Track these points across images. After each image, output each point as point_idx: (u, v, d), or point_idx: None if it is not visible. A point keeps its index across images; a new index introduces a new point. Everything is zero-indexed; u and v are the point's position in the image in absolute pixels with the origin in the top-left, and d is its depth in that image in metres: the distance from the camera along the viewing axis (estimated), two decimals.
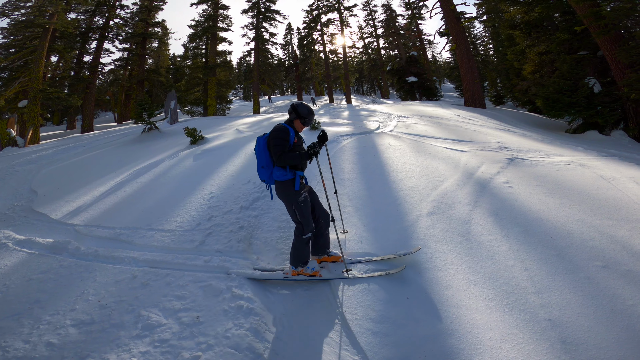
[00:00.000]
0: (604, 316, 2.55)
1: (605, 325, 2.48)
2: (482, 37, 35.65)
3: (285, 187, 3.02)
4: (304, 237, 3.04)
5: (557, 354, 2.30)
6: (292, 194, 3.01)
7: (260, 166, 3.09)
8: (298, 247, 3.07)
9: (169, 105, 15.04)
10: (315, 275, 3.14)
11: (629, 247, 3.27)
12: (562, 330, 2.47)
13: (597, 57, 11.98)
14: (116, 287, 3.05)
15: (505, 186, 4.88)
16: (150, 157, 8.11)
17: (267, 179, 3.10)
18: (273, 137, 2.97)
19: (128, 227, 4.38)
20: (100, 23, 23.66)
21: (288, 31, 45.09)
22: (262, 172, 3.09)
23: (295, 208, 3.00)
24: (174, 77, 30.46)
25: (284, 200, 3.11)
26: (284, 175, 2.99)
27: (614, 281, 2.87)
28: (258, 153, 3.10)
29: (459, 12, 18.18)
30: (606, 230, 3.57)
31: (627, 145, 9.75)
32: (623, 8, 9.35)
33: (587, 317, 2.56)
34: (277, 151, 2.92)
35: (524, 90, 16.92)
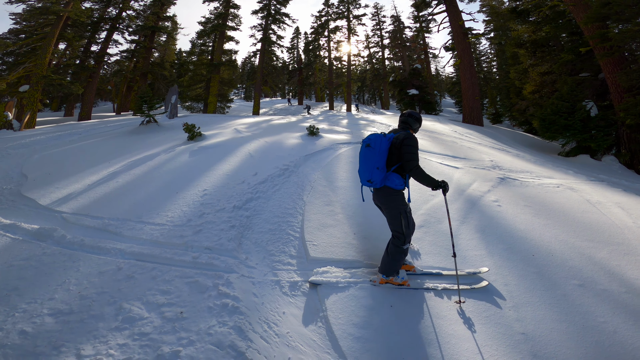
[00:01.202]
0: (576, 332, 2.64)
1: (576, 340, 2.56)
2: (487, 54, 36.22)
3: (398, 195, 3.02)
4: (404, 247, 3.02)
5: None
6: (403, 203, 3.02)
7: (375, 167, 2.94)
8: (396, 256, 3.03)
9: (170, 100, 15.07)
10: (404, 284, 3.13)
11: (606, 268, 3.40)
12: (534, 344, 2.54)
13: (597, 80, 12.18)
14: (99, 278, 3.01)
15: (494, 204, 4.96)
16: (146, 149, 8.09)
17: (378, 181, 2.98)
18: (409, 144, 2.92)
19: (117, 218, 4.35)
20: (113, 13, 23.76)
21: (295, 35, 45.44)
22: (375, 173, 2.96)
23: (403, 217, 2.99)
24: (177, 72, 30.48)
25: (389, 208, 3.06)
26: (401, 184, 2.99)
27: (589, 299, 2.98)
28: (376, 153, 2.95)
29: (466, 28, 18.45)
30: (586, 251, 3.69)
31: (617, 171, 9.93)
32: (631, 30, 9.51)
33: (560, 332, 2.65)
34: (414, 159, 2.89)
35: (522, 109, 17.19)
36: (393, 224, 3.05)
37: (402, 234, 3.00)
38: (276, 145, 7.98)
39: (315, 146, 7.97)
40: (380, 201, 3.13)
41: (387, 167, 3.03)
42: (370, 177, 2.99)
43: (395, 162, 3.00)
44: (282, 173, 5.95)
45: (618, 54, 10.36)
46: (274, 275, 3.31)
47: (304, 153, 7.24)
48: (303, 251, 3.75)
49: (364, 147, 3.04)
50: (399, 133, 3.07)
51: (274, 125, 12.31)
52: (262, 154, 7.19)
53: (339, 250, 3.69)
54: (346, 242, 3.86)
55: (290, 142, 8.42)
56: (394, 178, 2.98)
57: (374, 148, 2.95)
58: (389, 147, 3.00)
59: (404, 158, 2.93)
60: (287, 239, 3.95)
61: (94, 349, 2.15)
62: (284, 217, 4.44)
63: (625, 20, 10.10)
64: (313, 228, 4.14)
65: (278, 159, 6.69)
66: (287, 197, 5.06)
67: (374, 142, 2.97)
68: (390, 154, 3.02)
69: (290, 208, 4.70)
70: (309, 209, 4.66)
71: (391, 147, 3.02)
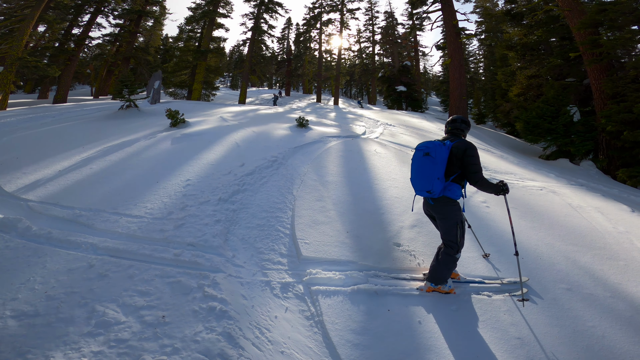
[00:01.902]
0: (567, 336, 2.63)
1: (568, 345, 2.55)
2: (475, 55, 36.70)
3: (455, 205, 2.90)
4: (457, 257, 2.94)
5: None
6: (459, 213, 2.92)
7: (436, 177, 2.79)
8: (449, 265, 2.93)
9: (153, 85, 14.46)
10: (451, 292, 3.04)
11: (591, 272, 3.46)
12: (530, 348, 2.51)
13: (582, 85, 12.44)
14: (68, 276, 2.72)
15: (483, 205, 4.95)
16: (124, 135, 7.65)
17: (437, 191, 2.83)
18: (473, 155, 2.79)
19: (90, 209, 4.01)
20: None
21: (287, 25, 44.49)
22: (436, 183, 2.80)
23: (459, 228, 2.90)
24: (162, 57, 29.30)
25: (445, 218, 2.93)
26: (459, 194, 2.88)
27: (577, 303, 2.99)
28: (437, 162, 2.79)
29: (459, 27, 18.49)
30: (571, 255, 3.73)
31: (594, 175, 10.23)
32: (622, 38, 9.71)
33: (552, 336, 2.63)
34: (479, 170, 2.78)
35: (506, 111, 17.50)
36: (447, 234, 2.95)
37: (455, 243, 2.92)
38: (264, 136, 7.71)
39: (305, 138, 7.75)
40: (436, 211, 3.00)
41: (446, 176, 2.91)
42: (430, 188, 2.83)
43: (454, 172, 2.88)
44: (271, 165, 5.72)
45: (606, 61, 10.58)
46: (263, 276, 3.11)
47: (293, 145, 7.02)
48: (294, 249, 3.55)
49: (421, 155, 2.88)
50: (457, 141, 2.91)
51: (261, 115, 11.96)
52: (250, 144, 6.92)
53: (332, 250, 3.52)
54: (339, 241, 3.70)
55: (279, 132, 8.16)
56: (454, 188, 2.87)
57: (434, 157, 2.80)
58: (448, 155, 2.86)
59: (468, 169, 2.82)
60: (276, 236, 3.75)
61: (65, 357, 1.89)
62: (273, 212, 4.23)
63: (618, 27, 10.31)
64: (304, 225, 3.95)
65: (266, 150, 6.44)
66: (276, 190, 4.84)
67: (434, 151, 2.81)
68: (449, 163, 2.88)
69: (280, 202, 4.50)
70: (300, 204, 4.47)
71: (451, 156, 2.88)
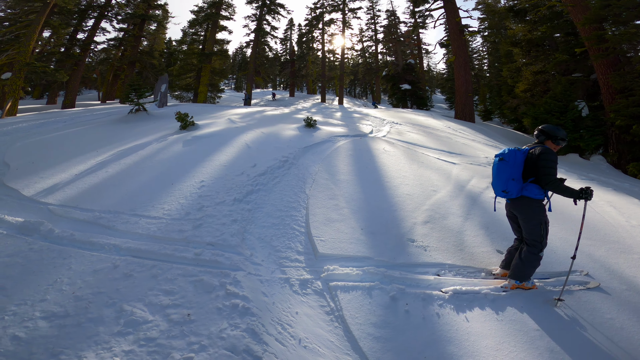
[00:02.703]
0: (584, 329, 2.66)
1: (586, 337, 2.58)
2: (479, 52, 36.47)
3: (537, 205, 3.04)
4: (540, 255, 3.06)
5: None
6: (543, 214, 3.05)
7: (510, 178, 3.04)
8: (533, 263, 3.05)
9: (160, 89, 14.63)
10: (534, 288, 3.16)
11: (606, 265, 3.48)
12: (549, 340, 2.54)
13: (589, 80, 12.34)
14: (94, 277, 2.78)
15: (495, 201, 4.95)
16: (136, 138, 7.76)
17: (514, 191, 3.05)
18: (546, 159, 2.94)
19: (109, 211, 4.10)
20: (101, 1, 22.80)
21: (289, 26, 44.63)
22: (510, 184, 3.04)
23: (543, 228, 3.03)
24: (167, 61, 29.58)
25: (528, 218, 3.07)
26: (540, 193, 3.01)
27: (594, 296, 3.02)
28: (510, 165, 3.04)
29: (463, 25, 18.44)
30: (586, 249, 3.74)
31: (605, 170, 10.15)
32: (628, 32, 9.64)
33: (570, 329, 2.66)
34: (550, 173, 2.91)
35: (513, 107, 17.36)
36: (531, 234, 3.08)
37: (539, 242, 3.04)
38: (273, 137, 7.78)
39: (313, 138, 7.81)
40: (517, 211, 3.16)
41: (524, 178, 3.09)
42: (505, 188, 3.08)
43: (532, 175, 3.05)
44: (282, 165, 5.78)
45: (613, 56, 10.50)
46: (282, 273, 3.17)
47: (303, 145, 7.08)
48: (310, 247, 3.61)
49: (497, 160, 3.15)
50: (536, 147, 3.11)
51: (268, 116, 12.05)
52: (260, 145, 6.99)
53: (348, 247, 3.57)
54: (354, 237, 3.75)
55: (288, 133, 8.23)
56: (532, 188, 3.03)
57: (507, 161, 3.06)
58: (524, 160, 3.08)
59: (540, 172, 2.97)
60: (292, 234, 3.81)
61: (97, 357, 1.94)
62: (287, 211, 4.30)
63: (623, 22, 10.23)
64: (319, 223, 4.01)
65: (276, 150, 6.50)
66: (289, 189, 4.91)
67: (508, 156, 3.08)
68: (526, 166, 3.08)
69: (293, 202, 4.56)
70: (313, 202, 4.52)
71: (527, 160, 3.08)
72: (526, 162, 3.08)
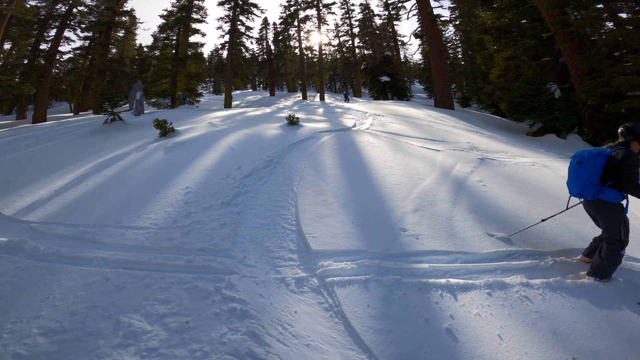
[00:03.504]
0: (584, 307, 2.72)
1: (587, 316, 2.63)
2: (452, 41, 37.05)
3: (615, 207, 3.02)
4: (622, 253, 3.03)
5: (551, 343, 2.41)
6: (621, 214, 3.03)
7: (587, 183, 3.02)
8: (614, 261, 3.01)
9: (135, 96, 14.23)
10: None
11: None
12: (551, 321, 2.59)
13: (558, 64, 12.73)
14: (86, 291, 2.73)
15: (480, 185, 5.06)
16: (114, 149, 7.54)
17: (589, 195, 3.05)
18: (629, 164, 2.90)
19: (94, 225, 3.98)
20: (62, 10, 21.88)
21: (264, 26, 44.12)
22: (587, 188, 3.03)
23: (623, 227, 3.02)
24: (139, 67, 28.79)
25: (606, 218, 3.06)
26: (616, 197, 2.98)
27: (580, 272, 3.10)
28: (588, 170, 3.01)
29: (435, 15, 18.67)
30: (573, 227, 3.83)
31: (581, 148, 10.52)
32: (589, 16, 9.96)
33: (570, 308, 2.71)
34: (632, 179, 2.88)
35: (489, 93, 17.77)
36: (611, 232, 3.07)
37: (619, 241, 3.03)
38: (256, 137, 7.70)
39: (297, 135, 7.78)
40: (594, 212, 3.18)
41: (602, 181, 3.07)
42: (580, 191, 3.10)
43: (611, 179, 3.02)
44: (267, 165, 5.74)
45: (577, 40, 10.84)
46: (277, 273, 3.16)
47: (287, 143, 7.04)
48: (303, 245, 3.61)
49: (575, 163, 3.12)
50: (619, 150, 3.05)
51: (250, 117, 11.92)
52: (243, 146, 6.91)
53: (340, 241, 3.59)
54: (345, 231, 3.76)
55: (271, 132, 8.16)
56: (608, 192, 3.01)
57: (586, 165, 3.04)
58: (604, 164, 3.04)
59: (621, 178, 2.95)
60: (283, 233, 3.80)
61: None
62: (277, 210, 4.28)
63: (583, 6, 10.58)
64: (309, 220, 4.01)
65: (261, 151, 6.45)
66: (276, 189, 4.88)
67: (587, 160, 3.04)
68: (605, 170, 3.05)
69: (282, 200, 4.54)
70: (302, 200, 4.52)
71: (607, 164, 3.04)
72: (606, 166, 3.04)
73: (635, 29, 9.43)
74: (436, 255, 3.42)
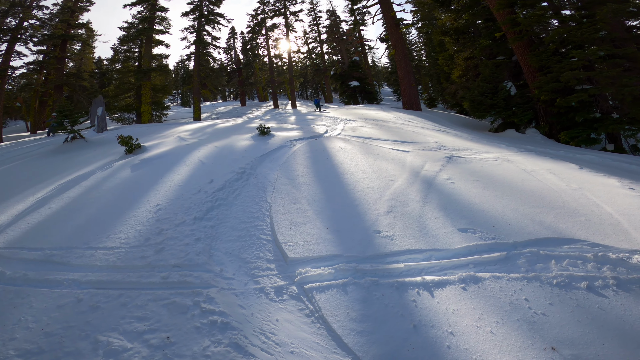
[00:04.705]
0: (555, 295, 2.82)
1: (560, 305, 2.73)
2: (416, 43, 38.37)
3: None
4: None
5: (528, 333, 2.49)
6: None
7: None
8: None
9: (96, 112, 13.65)
10: None
11: (558, 231, 3.72)
12: (525, 312, 2.67)
13: (512, 62, 13.50)
14: (60, 312, 2.66)
15: (448, 182, 5.27)
16: (77, 169, 7.21)
17: None
18: None
19: (60, 247, 3.81)
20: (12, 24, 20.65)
21: (231, 35, 43.69)
22: None
23: None
24: (99, 81, 27.65)
25: None
26: None
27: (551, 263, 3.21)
28: None
29: (398, 18, 19.32)
30: (537, 217, 4.03)
31: (539, 141, 11.20)
32: (535, 15, 10.65)
33: (542, 298, 2.80)
34: None
35: (452, 93, 18.59)
36: None
37: None
38: (228, 149, 7.63)
39: (269, 145, 7.78)
40: None
41: None
42: None
43: None
44: (240, 177, 5.71)
45: (527, 38, 11.53)
46: (255, 283, 3.16)
47: (259, 154, 7.03)
48: (279, 254, 3.63)
49: None
50: None
51: (221, 128, 11.78)
52: (214, 159, 6.82)
53: (316, 248, 3.63)
54: (321, 237, 3.82)
55: (242, 144, 8.11)
56: None
57: None
58: None
59: None
60: (259, 244, 3.80)
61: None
62: (252, 222, 4.27)
63: (530, 5, 11.30)
64: (284, 228, 4.03)
65: (233, 163, 6.40)
66: (250, 200, 4.87)
67: None
68: None
69: (256, 211, 4.54)
70: (276, 209, 4.53)
71: None
72: None
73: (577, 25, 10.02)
74: (411, 254, 3.51)
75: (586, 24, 9.65)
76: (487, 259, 3.36)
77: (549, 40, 10.95)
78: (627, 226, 3.70)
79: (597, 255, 3.24)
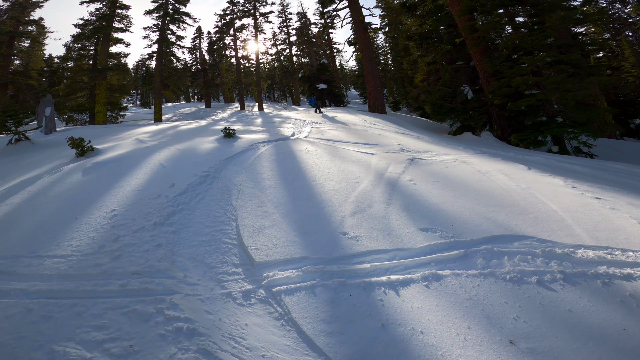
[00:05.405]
0: (510, 291, 2.93)
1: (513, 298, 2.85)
2: (383, 47, 39.48)
3: None
4: None
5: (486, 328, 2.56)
6: None
7: None
8: None
9: (44, 112, 12.68)
10: None
11: (509, 228, 3.92)
12: (483, 307, 2.77)
13: (469, 67, 14.30)
14: (9, 322, 2.47)
15: (410, 184, 5.45)
16: (21, 173, 6.63)
17: None
18: None
19: (4, 257, 3.50)
20: None
21: (197, 35, 42.30)
22: None
23: None
24: (49, 80, 25.64)
25: None
26: None
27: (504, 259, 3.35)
28: None
29: (366, 22, 19.77)
30: (490, 215, 4.24)
31: (493, 143, 11.95)
32: (492, 21, 11.34)
33: (497, 293, 2.90)
34: None
35: (415, 96, 19.31)
36: None
37: None
38: (190, 152, 7.38)
39: (234, 148, 7.64)
40: None
41: None
42: None
43: None
44: (204, 180, 5.55)
45: (483, 44, 12.24)
46: (222, 288, 3.07)
47: (224, 156, 6.88)
48: (246, 258, 3.56)
49: None
50: None
51: (183, 130, 11.37)
52: (176, 162, 6.57)
53: (283, 250, 3.61)
54: (288, 240, 3.80)
55: (206, 146, 7.89)
56: None
57: None
58: None
59: None
60: (225, 249, 3.71)
61: None
62: (216, 226, 4.16)
63: (488, 12, 12.02)
64: (250, 232, 3.97)
65: (196, 166, 6.20)
66: (214, 204, 4.75)
67: None
68: None
69: (221, 215, 4.43)
70: (241, 213, 4.45)
71: None
72: None
73: (528, 32, 10.74)
74: (376, 255, 3.56)
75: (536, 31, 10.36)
76: (447, 257, 3.47)
77: (503, 47, 11.68)
78: (570, 222, 3.96)
79: (544, 250, 3.41)
